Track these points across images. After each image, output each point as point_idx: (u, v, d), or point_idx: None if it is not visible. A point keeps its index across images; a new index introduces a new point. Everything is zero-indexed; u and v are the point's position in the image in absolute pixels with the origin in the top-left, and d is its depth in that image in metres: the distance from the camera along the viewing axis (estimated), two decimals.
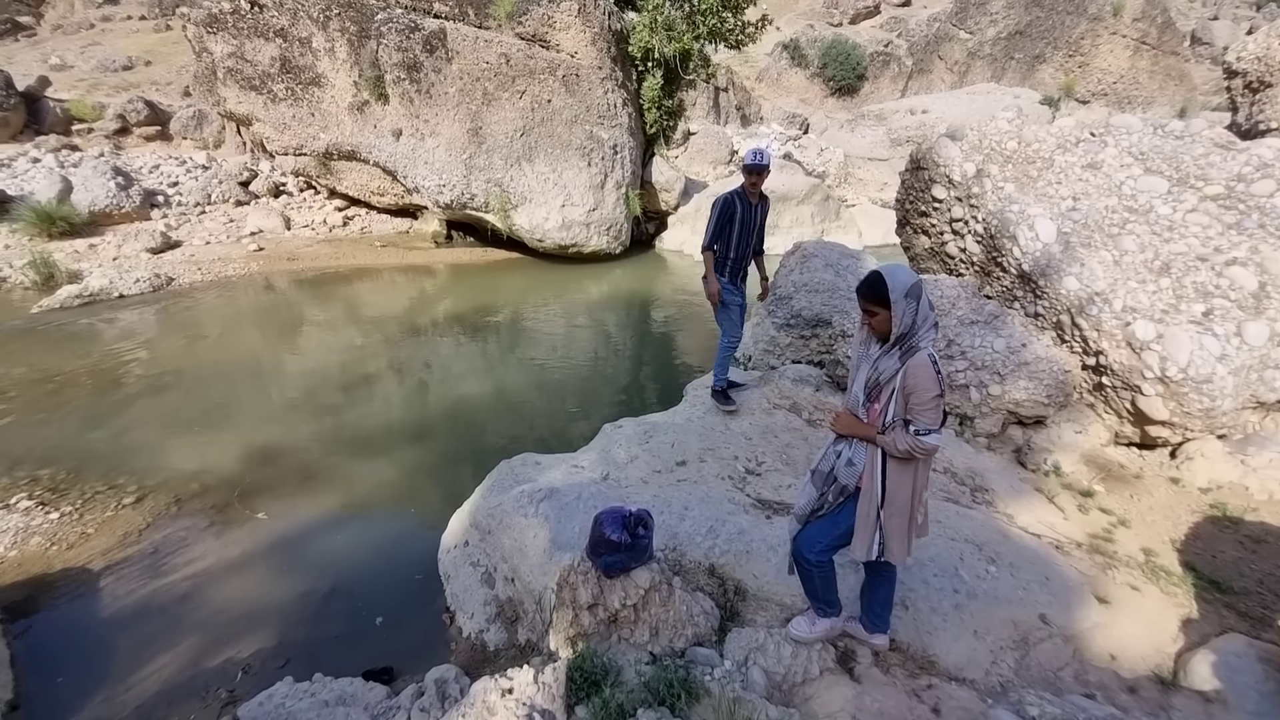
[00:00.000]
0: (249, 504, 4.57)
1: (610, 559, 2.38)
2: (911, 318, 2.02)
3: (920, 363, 2.04)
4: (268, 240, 12.72)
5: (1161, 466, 4.21)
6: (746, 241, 4.37)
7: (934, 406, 2.03)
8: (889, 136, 20.67)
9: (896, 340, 2.07)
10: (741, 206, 4.23)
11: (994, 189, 4.62)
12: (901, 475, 2.15)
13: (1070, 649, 2.69)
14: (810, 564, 2.36)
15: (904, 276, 2.03)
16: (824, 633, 2.51)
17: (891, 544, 2.21)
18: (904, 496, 2.16)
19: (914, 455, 2.09)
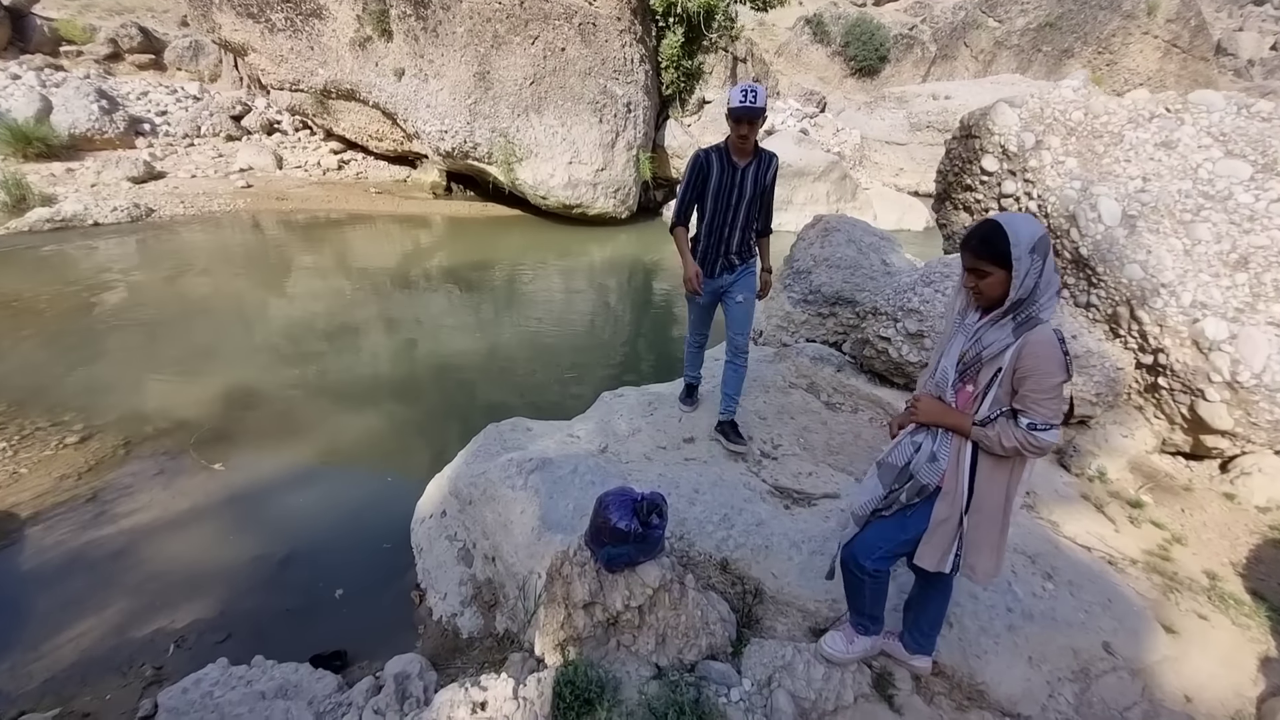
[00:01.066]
0: (206, 453, 4.12)
1: (615, 551, 1.96)
2: (1035, 280, 1.58)
3: (1042, 339, 1.60)
4: (257, 178, 12.10)
5: (1212, 480, 3.84)
6: (729, 218, 3.09)
7: (1055, 396, 1.61)
8: (909, 120, 20.00)
9: (1011, 308, 1.63)
10: (720, 168, 2.98)
11: (1054, 163, 4.15)
12: (994, 475, 1.73)
13: (1139, 685, 2.32)
14: (865, 572, 1.95)
15: (1029, 227, 1.59)
16: (863, 653, 2.13)
17: (973, 557, 1.80)
18: (995, 501, 1.74)
19: (1022, 454, 1.66)
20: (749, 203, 3.10)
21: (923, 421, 1.85)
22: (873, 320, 4.19)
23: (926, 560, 1.84)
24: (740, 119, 2.83)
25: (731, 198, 3.07)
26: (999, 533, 1.77)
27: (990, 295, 1.65)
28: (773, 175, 3.12)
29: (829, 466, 3.59)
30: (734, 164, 3.00)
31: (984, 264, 1.63)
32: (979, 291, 1.68)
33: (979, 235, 1.64)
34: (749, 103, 2.77)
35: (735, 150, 2.99)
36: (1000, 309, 1.65)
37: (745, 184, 3.05)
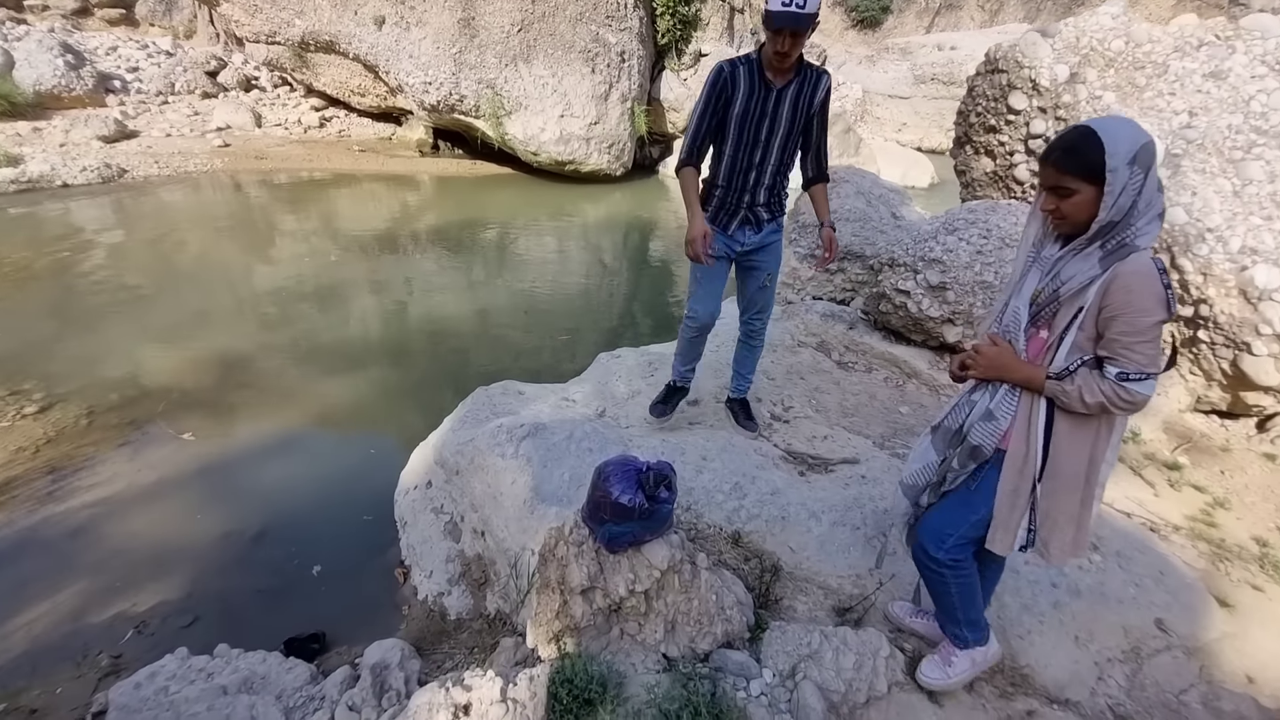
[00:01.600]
0: (176, 422, 3.84)
1: (617, 529, 1.70)
2: (1132, 198, 1.27)
3: (1139, 269, 1.30)
4: (235, 137, 11.56)
5: (1250, 440, 3.60)
6: (758, 156, 2.37)
7: (1151, 339, 1.31)
8: (912, 73, 19.29)
9: (1099, 233, 1.32)
10: (749, 87, 2.24)
11: (1090, 98, 3.80)
12: (1076, 437, 1.45)
13: (1195, 666, 2.10)
14: (938, 563, 1.65)
15: (1129, 132, 1.27)
16: (967, 673, 1.81)
17: (1047, 532, 1.52)
18: (1075, 467, 1.46)
19: (1109, 411, 1.38)
20: (786, 136, 2.36)
21: (983, 377, 1.55)
22: (889, 273, 3.89)
23: (999, 544, 1.56)
24: (781, 28, 2.05)
25: (762, 129, 2.32)
26: (1080, 505, 1.49)
27: (1075, 219, 1.35)
28: (823, 97, 2.33)
29: (844, 429, 3.33)
30: (768, 83, 2.23)
31: (1069, 180, 1.32)
32: (1060, 216, 1.37)
33: (1064, 144, 1.33)
34: (795, 6, 2.00)
35: (771, 67, 2.22)
36: (1086, 235, 1.35)
37: (781, 111, 2.28)
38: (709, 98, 2.32)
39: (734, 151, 2.40)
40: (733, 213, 2.51)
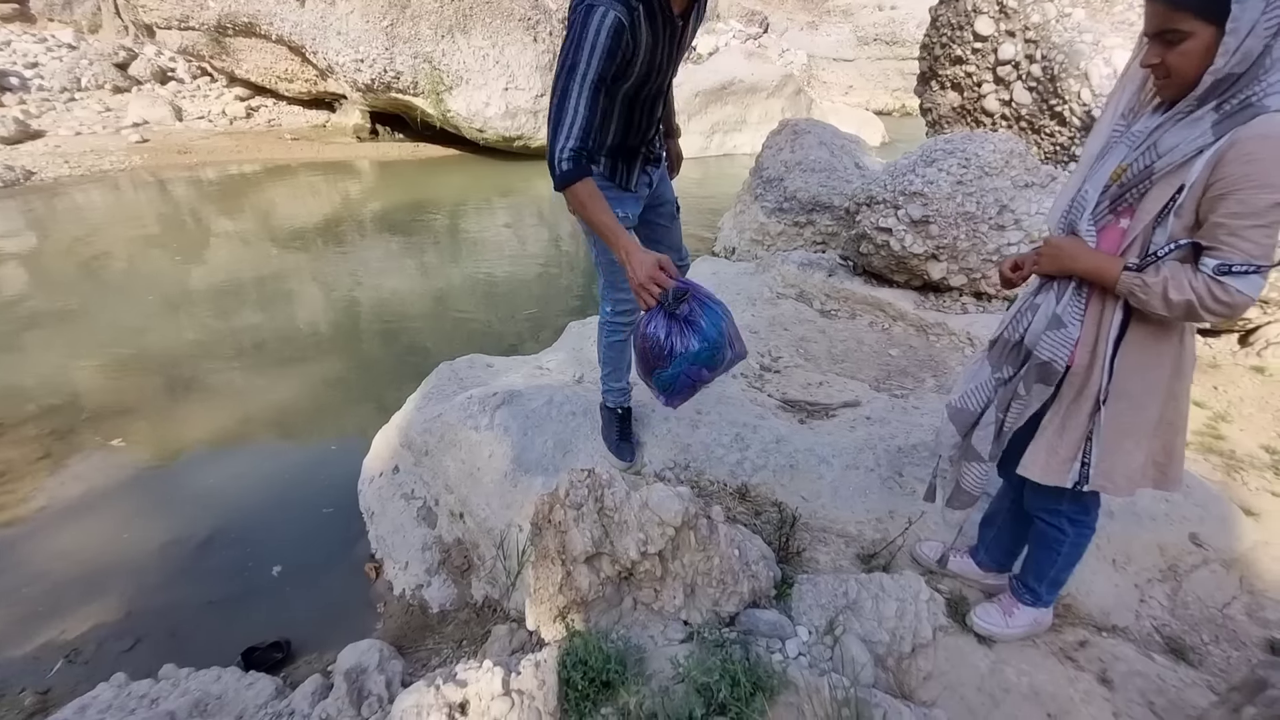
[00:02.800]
0: (102, 428, 3.43)
1: (665, 373, 1.44)
2: (1265, 40, 0.99)
3: (1270, 132, 1.02)
4: (154, 132, 10.75)
5: (1235, 355, 3.58)
6: (659, 104, 1.89)
7: (1270, 223, 1.05)
8: (855, 35, 19.28)
9: (1215, 88, 1.05)
10: (653, 34, 1.63)
11: (1059, 16, 3.68)
12: (1150, 353, 1.22)
13: (1235, 578, 1.99)
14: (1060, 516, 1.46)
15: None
16: (1025, 630, 1.65)
17: (1112, 462, 1.29)
18: (1147, 389, 1.24)
19: (1197, 315, 1.12)
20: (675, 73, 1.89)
21: (1045, 271, 1.31)
22: (868, 211, 3.72)
23: (1033, 466, 1.35)
24: None
25: (666, 74, 1.82)
26: (1153, 429, 1.27)
27: (1185, 75, 1.08)
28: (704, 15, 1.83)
29: (837, 375, 3.16)
30: (672, 19, 1.66)
31: (1181, 19, 1.04)
32: (1166, 73, 1.10)
33: None
34: None
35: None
36: (1196, 93, 1.07)
37: (685, 41, 1.79)
38: (604, 70, 1.54)
39: (630, 112, 1.80)
40: (630, 168, 1.92)
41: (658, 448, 2.38)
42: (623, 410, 2.34)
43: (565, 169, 1.53)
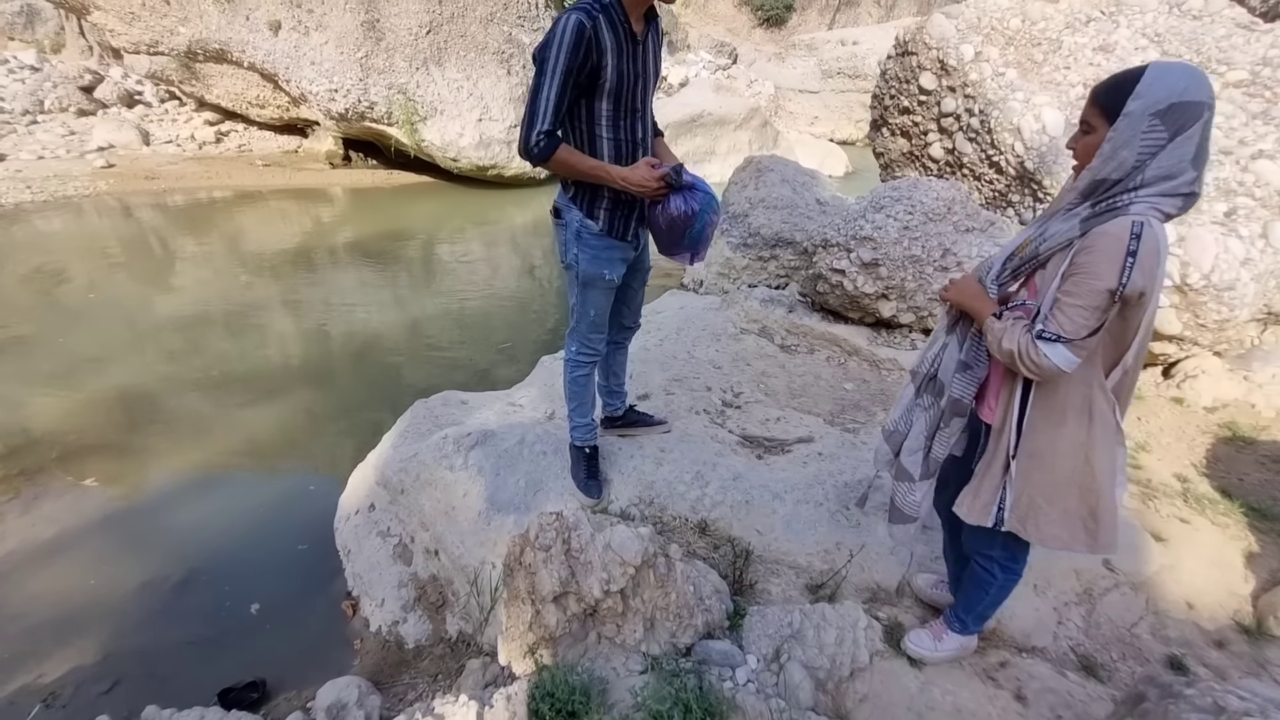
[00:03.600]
0: (73, 467, 3.45)
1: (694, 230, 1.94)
2: (1139, 157, 1.17)
3: (1110, 229, 1.21)
4: (120, 157, 10.66)
5: (1159, 386, 3.88)
6: (640, 124, 1.96)
7: (1089, 305, 1.23)
8: (820, 68, 19.98)
9: (1092, 188, 1.25)
10: (617, 43, 1.77)
11: (994, 75, 4.00)
12: (1054, 418, 1.38)
13: (1142, 600, 2.21)
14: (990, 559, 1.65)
15: (1176, 83, 1.15)
16: (952, 655, 1.84)
17: (1025, 512, 1.46)
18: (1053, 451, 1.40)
19: (1016, 366, 1.33)
20: (651, 92, 1.99)
21: (950, 298, 1.52)
22: (824, 253, 3.96)
23: (963, 505, 1.54)
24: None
25: (638, 94, 1.90)
26: (1066, 489, 1.42)
27: (1084, 163, 1.28)
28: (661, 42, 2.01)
29: (794, 410, 3.36)
30: (634, 35, 1.80)
31: (1093, 113, 1.24)
32: (1075, 155, 1.31)
33: (1112, 77, 1.25)
34: None
35: (635, 12, 1.81)
36: (1077, 189, 1.27)
37: (650, 65, 1.92)
38: (571, 64, 1.71)
39: (615, 134, 1.90)
40: (627, 218, 2.04)
41: (624, 485, 2.53)
42: (590, 449, 2.49)
43: (541, 146, 1.79)
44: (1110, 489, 1.42)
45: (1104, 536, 1.45)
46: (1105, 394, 1.37)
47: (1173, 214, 1.23)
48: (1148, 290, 1.23)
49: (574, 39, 1.70)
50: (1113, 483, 1.42)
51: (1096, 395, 1.36)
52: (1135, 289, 1.21)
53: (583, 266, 2.06)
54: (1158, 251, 1.21)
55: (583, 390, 2.37)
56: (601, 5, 1.76)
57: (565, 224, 2.05)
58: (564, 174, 1.94)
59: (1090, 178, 1.25)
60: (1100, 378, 1.36)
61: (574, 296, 2.17)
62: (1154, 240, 1.20)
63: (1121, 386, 1.39)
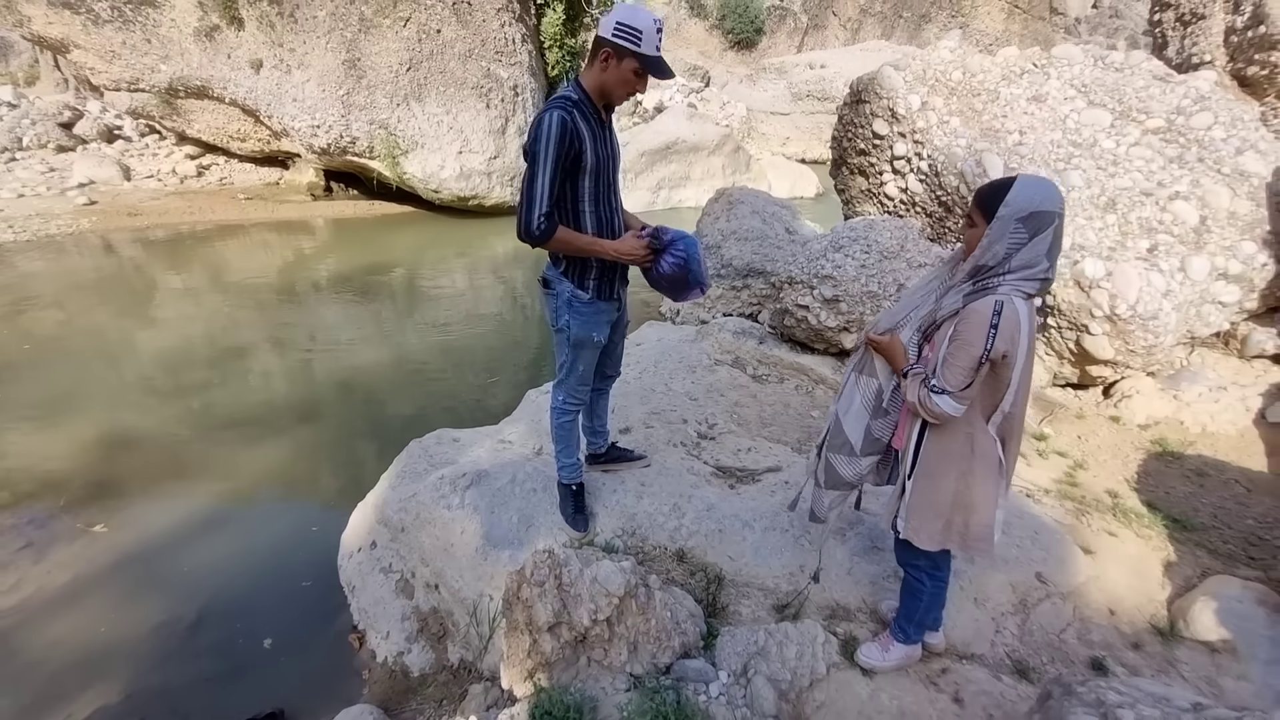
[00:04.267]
0: (82, 514, 3.61)
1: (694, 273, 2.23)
2: (1008, 251, 1.52)
3: (978, 308, 1.55)
4: (102, 193, 10.75)
5: (1099, 406, 4.21)
6: (615, 202, 2.26)
7: (964, 366, 1.57)
8: (789, 90, 20.61)
9: (973, 272, 1.59)
10: (591, 132, 2.05)
11: (939, 123, 4.35)
12: (943, 447, 1.72)
13: (1069, 608, 2.50)
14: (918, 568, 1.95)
15: (1034, 195, 1.50)
16: (898, 663, 2.10)
17: (919, 521, 1.79)
18: (942, 473, 1.73)
19: (919, 411, 1.68)
20: (619, 169, 2.31)
21: (872, 341, 1.83)
22: (789, 290, 4.26)
23: (884, 519, 1.88)
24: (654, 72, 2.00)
25: (610, 173, 2.19)
26: (949, 506, 1.75)
27: (970, 249, 1.62)
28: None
29: (765, 439, 3.63)
30: (602, 122, 2.11)
31: (974, 212, 1.59)
32: (964, 242, 1.67)
33: (988, 186, 1.60)
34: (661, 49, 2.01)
35: (614, 100, 2.09)
36: (964, 269, 1.62)
37: (616, 147, 2.24)
38: (560, 153, 1.97)
39: (596, 208, 2.17)
40: (612, 280, 2.31)
41: (608, 517, 2.77)
42: (576, 486, 2.72)
43: (542, 229, 2.02)
44: (986, 508, 1.76)
45: (974, 544, 1.79)
46: (985, 434, 1.70)
47: (1033, 294, 1.59)
48: (1010, 353, 1.57)
49: (559, 131, 1.96)
50: (990, 504, 1.76)
51: (977, 434, 1.70)
52: (998, 352, 1.56)
53: (574, 330, 2.31)
54: (1017, 324, 1.56)
55: (568, 434, 2.60)
56: (574, 101, 2.03)
57: (557, 294, 2.29)
58: (562, 251, 2.19)
59: (973, 263, 1.60)
60: (980, 421, 1.69)
61: (564, 355, 2.41)
62: (1013, 315, 1.55)
63: (1007, 427, 1.72)
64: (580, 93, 2.06)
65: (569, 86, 2.09)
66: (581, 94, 2.06)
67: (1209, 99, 3.95)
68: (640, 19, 1.94)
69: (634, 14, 1.94)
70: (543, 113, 1.99)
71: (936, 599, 2.06)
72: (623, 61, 1.98)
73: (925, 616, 2.08)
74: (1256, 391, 3.92)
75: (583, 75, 2.08)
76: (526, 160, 2.04)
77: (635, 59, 1.97)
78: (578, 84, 2.07)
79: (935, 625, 2.18)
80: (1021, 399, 1.68)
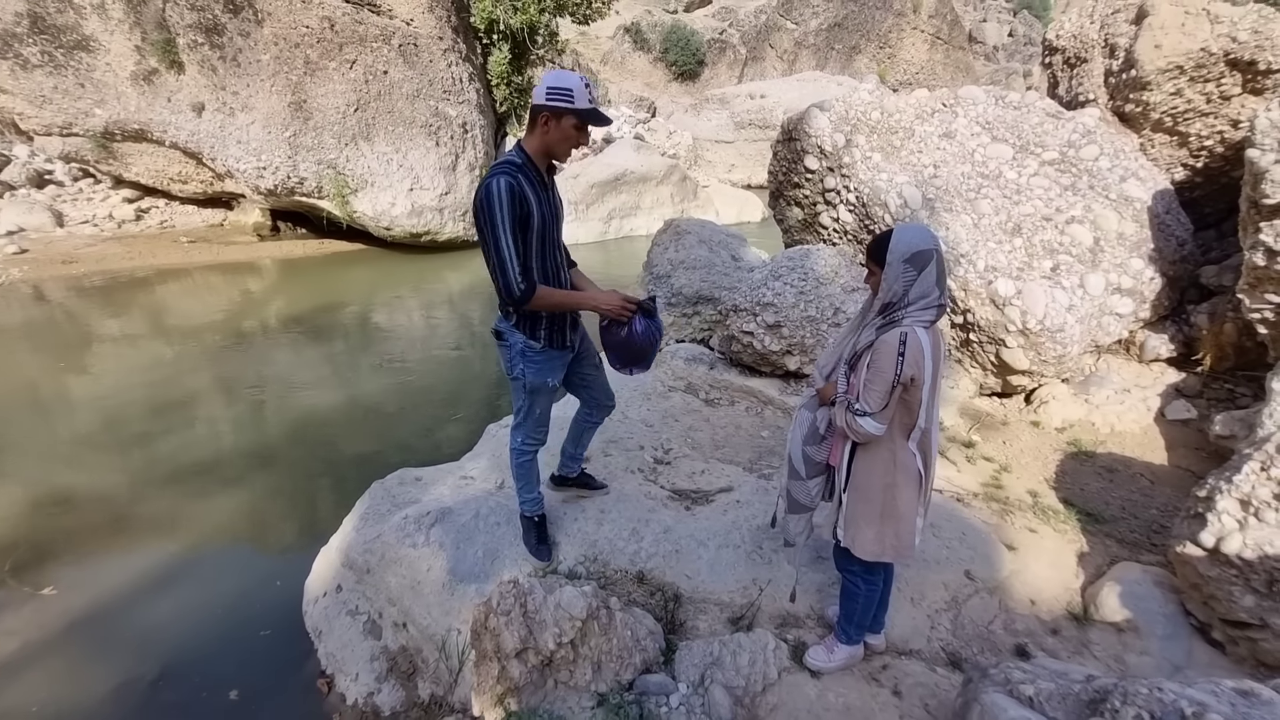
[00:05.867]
0: (28, 577, 3.51)
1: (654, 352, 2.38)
2: (904, 288, 1.79)
3: (888, 339, 1.81)
4: (33, 241, 10.36)
5: (1021, 412, 4.57)
6: (559, 256, 2.39)
7: (879, 390, 1.82)
8: (732, 120, 21.43)
9: (882, 309, 1.85)
10: (535, 194, 2.16)
11: (863, 158, 4.71)
12: (869, 463, 1.97)
13: (996, 601, 2.74)
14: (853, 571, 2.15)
15: (912, 239, 1.79)
16: (843, 664, 2.28)
17: (852, 531, 2.02)
18: (870, 485, 1.98)
19: (846, 432, 1.94)
20: (562, 227, 2.43)
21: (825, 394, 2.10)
22: (734, 317, 4.51)
23: (826, 530, 2.08)
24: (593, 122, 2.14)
25: (554, 229, 2.32)
26: (879, 518, 1.97)
27: (874, 291, 1.91)
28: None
29: (718, 461, 3.82)
30: (545, 183, 2.23)
31: (870, 263, 1.88)
32: (870, 286, 1.94)
33: (875, 239, 1.88)
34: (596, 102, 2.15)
35: (560, 157, 2.22)
36: (874, 308, 1.89)
37: (558, 202, 2.36)
38: (512, 219, 2.09)
39: (542, 264, 2.27)
40: (564, 328, 2.43)
41: (570, 545, 2.90)
42: (539, 518, 2.86)
43: (523, 290, 2.15)
44: (909, 516, 1.99)
45: (903, 551, 2.03)
46: (905, 450, 1.95)
47: (933, 320, 1.86)
48: (917, 376, 1.83)
49: (509, 196, 2.08)
50: (912, 512, 1.99)
51: (899, 450, 1.94)
52: (907, 376, 1.81)
53: (529, 378, 2.42)
54: (921, 350, 1.82)
55: (528, 472, 2.73)
56: (517, 165, 2.16)
57: (509, 344, 2.39)
58: (546, 308, 2.28)
59: (879, 301, 1.88)
60: (900, 439, 1.94)
61: (520, 401, 2.53)
62: (916, 343, 1.81)
63: (925, 443, 1.97)
64: (523, 156, 2.18)
65: (512, 152, 2.22)
66: (524, 158, 2.18)
67: (1094, 133, 4.42)
68: (568, 80, 2.10)
69: (561, 77, 2.11)
70: (488, 181, 2.10)
71: (872, 601, 2.25)
72: (562, 120, 2.11)
73: (864, 618, 2.27)
74: (1155, 392, 4.33)
75: (525, 141, 2.21)
76: (480, 230, 2.13)
77: (573, 115, 2.10)
78: (520, 149, 2.20)
79: (877, 628, 2.38)
80: (934, 415, 1.92)
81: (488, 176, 2.13)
